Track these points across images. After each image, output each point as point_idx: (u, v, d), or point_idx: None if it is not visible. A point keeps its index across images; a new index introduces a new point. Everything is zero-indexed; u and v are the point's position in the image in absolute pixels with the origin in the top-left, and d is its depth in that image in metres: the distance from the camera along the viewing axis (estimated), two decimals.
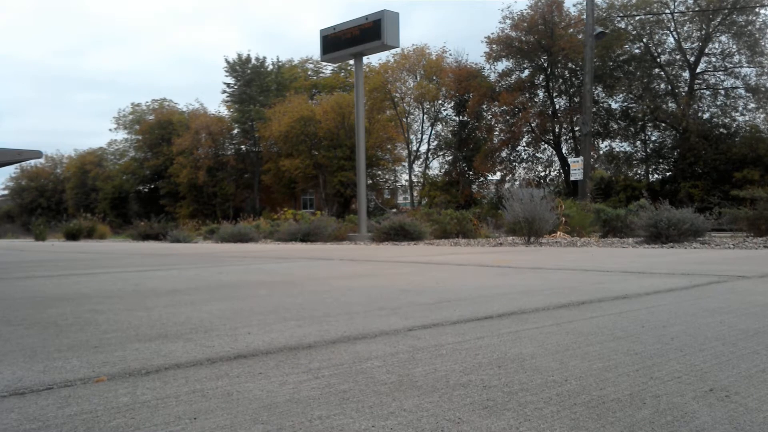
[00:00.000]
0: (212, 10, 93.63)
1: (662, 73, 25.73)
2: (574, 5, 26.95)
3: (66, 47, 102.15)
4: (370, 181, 30.94)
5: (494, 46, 27.22)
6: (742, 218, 9.48)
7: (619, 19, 25.44)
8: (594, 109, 23.43)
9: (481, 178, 30.89)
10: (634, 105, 26.32)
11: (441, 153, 31.93)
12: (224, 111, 36.79)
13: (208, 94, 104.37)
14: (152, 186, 38.46)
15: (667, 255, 5.90)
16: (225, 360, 1.57)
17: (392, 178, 34.94)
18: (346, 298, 2.78)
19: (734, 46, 24.68)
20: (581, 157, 18.45)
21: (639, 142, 27.17)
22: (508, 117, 28.01)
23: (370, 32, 13.53)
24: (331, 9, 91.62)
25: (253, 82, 34.63)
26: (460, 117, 30.46)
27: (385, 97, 30.45)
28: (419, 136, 32.21)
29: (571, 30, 25.87)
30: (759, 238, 8.60)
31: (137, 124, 38.97)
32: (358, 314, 2.29)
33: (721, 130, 24.49)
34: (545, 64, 26.86)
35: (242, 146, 35.35)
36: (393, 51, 27.86)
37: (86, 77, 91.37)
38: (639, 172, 27.19)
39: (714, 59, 25.20)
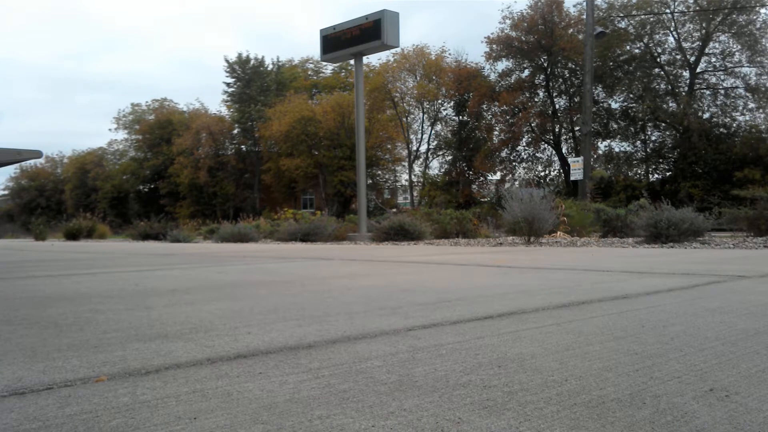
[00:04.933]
0: (212, 12, 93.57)
1: (662, 72, 25.71)
2: (574, 5, 26.96)
3: (68, 50, 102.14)
4: (370, 181, 30.93)
5: (494, 46, 27.23)
6: (742, 218, 9.48)
7: (619, 19, 25.43)
8: (594, 109, 23.41)
9: (481, 178, 30.90)
10: (634, 105, 26.30)
11: (441, 153, 31.93)
12: (224, 111, 36.83)
13: (208, 95, 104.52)
14: (152, 186, 38.46)
15: (667, 255, 5.90)
16: (225, 360, 1.56)
17: (392, 178, 34.94)
18: (346, 298, 2.78)
19: (734, 46, 24.69)
20: (581, 157, 18.46)
21: (639, 142, 27.16)
22: (508, 117, 28.00)
23: (370, 32, 13.54)
24: (330, 10, 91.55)
25: (252, 82, 34.61)
26: (460, 117, 30.44)
27: (385, 97, 30.43)
28: (419, 135, 32.21)
29: (571, 30, 25.86)
30: (759, 237, 8.60)
31: (137, 124, 38.97)
32: (358, 314, 2.29)
33: (722, 129, 24.49)
34: (545, 64, 26.85)
35: (242, 146, 35.32)
36: (393, 51, 27.86)
37: (88, 79, 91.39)
38: (639, 172, 27.18)
39: (714, 59, 25.21)
